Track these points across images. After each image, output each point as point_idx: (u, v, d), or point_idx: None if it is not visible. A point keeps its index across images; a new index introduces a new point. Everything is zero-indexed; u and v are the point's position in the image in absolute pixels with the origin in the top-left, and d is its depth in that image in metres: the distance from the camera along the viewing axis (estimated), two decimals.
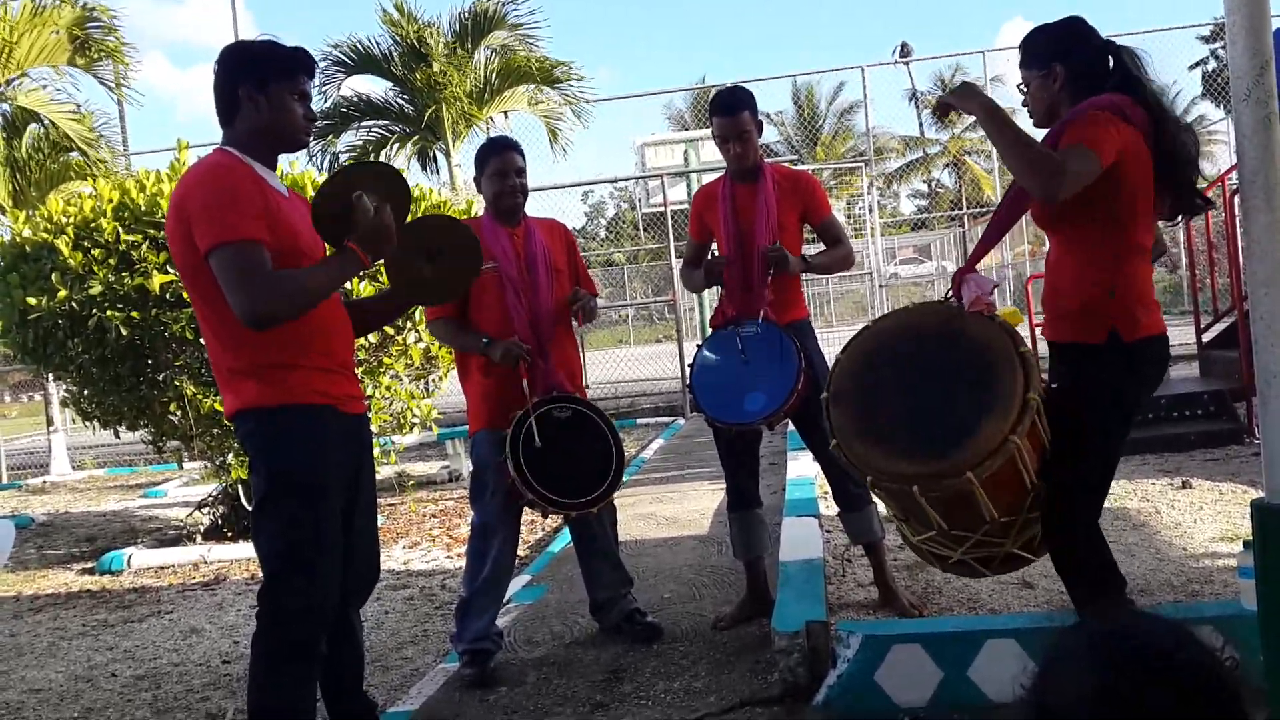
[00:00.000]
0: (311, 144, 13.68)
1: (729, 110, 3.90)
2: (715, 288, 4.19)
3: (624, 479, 7.72)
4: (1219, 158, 26.52)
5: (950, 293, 2.85)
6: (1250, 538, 2.68)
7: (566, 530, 4.58)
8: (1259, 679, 2.54)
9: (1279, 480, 2.55)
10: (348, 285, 3.91)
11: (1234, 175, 7.92)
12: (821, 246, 4.19)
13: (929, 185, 38.30)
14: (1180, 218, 2.95)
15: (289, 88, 2.78)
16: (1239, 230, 2.65)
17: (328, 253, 2.88)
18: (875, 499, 3.99)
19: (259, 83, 2.76)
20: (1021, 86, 2.91)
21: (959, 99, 2.82)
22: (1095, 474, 2.73)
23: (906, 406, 2.74)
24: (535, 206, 3.99)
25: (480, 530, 3.86)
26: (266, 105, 2.76)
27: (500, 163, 3.86)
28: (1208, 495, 5.31)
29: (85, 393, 6.67)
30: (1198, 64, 30.44)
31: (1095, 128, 2.59)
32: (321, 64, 13.47)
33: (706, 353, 3.95)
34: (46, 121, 11.36)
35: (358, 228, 2.76)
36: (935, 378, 2.73)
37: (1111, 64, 2.78)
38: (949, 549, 2.82)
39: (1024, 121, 2.96)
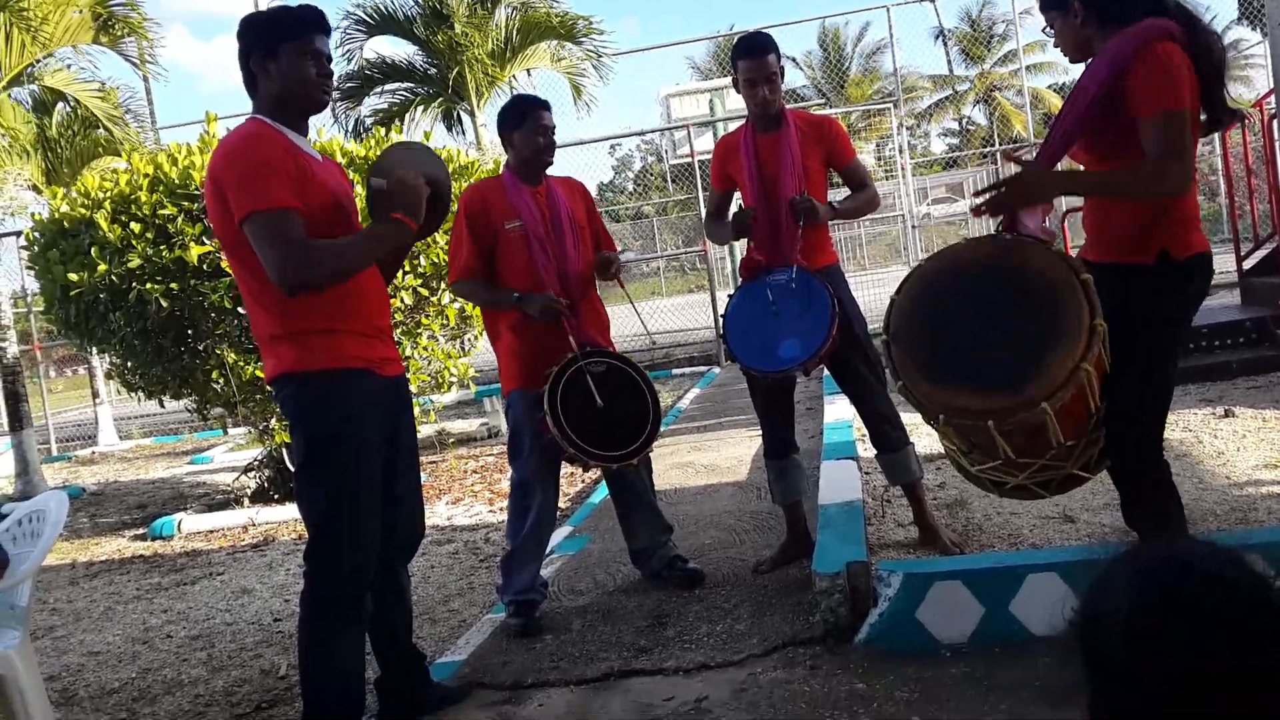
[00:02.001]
0: (336, 108, 13.72)
1: (755, 53, 3.86)
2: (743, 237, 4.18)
3: (662, 428, 7.76)
4: (1256, 82, 25.88)
5: (1001, 225, 2.82)
6: None
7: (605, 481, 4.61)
8: None
9: None
10: None
11: (1272, 99, 7.74)
12: (845, 191, 4.15)
13: (960, 123, 37.69)
14: (1212, 130, 2.90)
15: (297, 48, 2.78)
16: (1278, 155, 2.59)
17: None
18: (915, 438, 4.01)
19: (268, 50, 2.78)
20: (1047, 30, 2.87)
21: (1026, 195, 2.74)
22: (1157, 392, 2.74)
23: (971, 341, 2.73)
24: (562, 162, 4.00)
25: (520, 487, 3.91)
26: (277, 70, 2.78)
27: (538, 120, 3.85)
28: (1251, 423, 5.26)
29: (129, 365, 6.78)
30: None
31: (1170, 76, 2.54)
32: (344, 24, 13.44)
33: (738, 302, 3.94)
34: (73, 100, 11.44)
35: (404, 202, 2.84)
36: (998, 311, 2.72)
37: None
38: (1011, 475, 2.82)
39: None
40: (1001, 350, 2.67)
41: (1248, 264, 7.96)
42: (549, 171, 3.98)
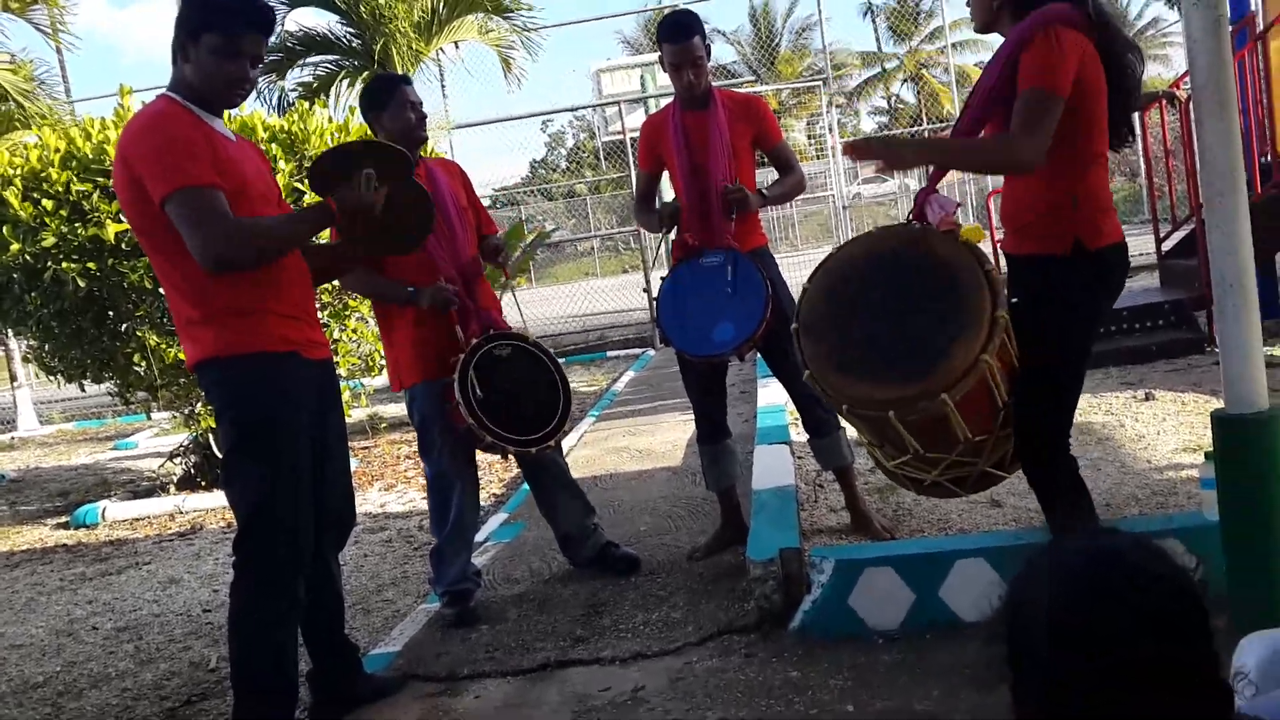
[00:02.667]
0: (259, 80, 13.38)
1: (680, 36, 3.82)
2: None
3: (596, 412, 7.72)
4: (1175, 60, 26.50)
5: (912, 214, 2.85)
6: (1211, 449, 2.74)
7: None
8: (1221, 587, 2.62)
9: (1237, 389, 2.60)
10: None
11: (1187, 81, 7.92)
12: (770, 170, 4.16)
13: (889, 101, 38.09)
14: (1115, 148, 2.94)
15: (222, 41, 2.66)
16: (1195, 135, 2.65)
17: (285, 200, 2.87)
18: (845, 425, 4.05)
19: (191, 31, 2.67)
20: (962, 23, 2.89)
21: (885, 156, 2.78)
22: (1064, 386, 2.76)
23: (876, 332, 2.75)
24: (494, 138, 4.01)
25: (436, 480, 3.82)
26: (195, 57, 2.68)
27: (403, 96, 3.72)
28: (1170, 406, 5.41)
29: (46, 347, 6.57)
30: None
31: (1049, 56, 2.55)
32: None
33: (672, 285, 3.94)
34: None
35: (347, 198, 2.75)
36: (903, 301, 2.74)
37: None
38: (924, 471, 2.86)
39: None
40: (904, 340, 2.69)
41: (1166, 245, 8.15)
42: (486, 146, 3.95)
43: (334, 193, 2.80)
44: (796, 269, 3.92)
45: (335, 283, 6.50)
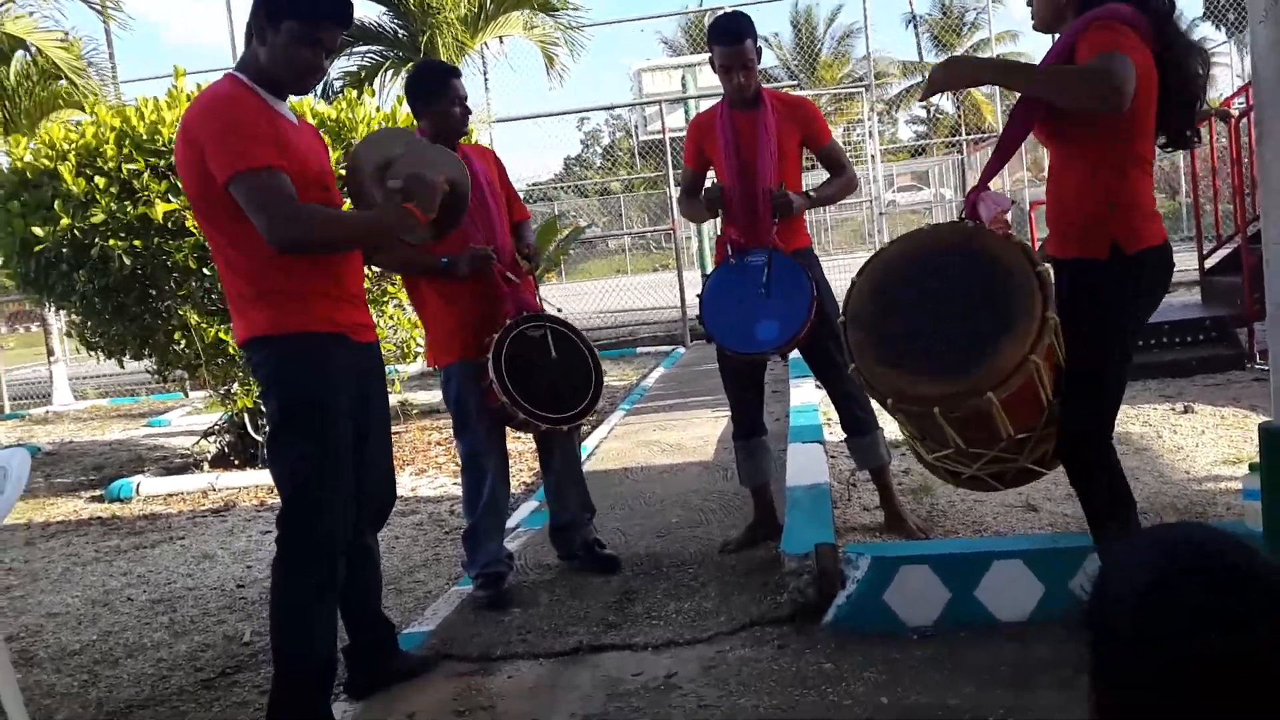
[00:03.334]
0: None
1: (732, 39, 3.83)
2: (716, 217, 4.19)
3: (627, 406, 7.75)
4: (1220, 81, 26.25)
5: (964, 212, 2.85)
6: (1255, 460, 2.72)
7: None
8: None
9: None
10: None
11: (1237, 100, 7.86)
12: (820, 170, 4.16)
13: (928, 111, 37.90)
14: (1176, 148, 2.92)
15: (301, 29, 2.68)
16: (1254, 154, 2.63)
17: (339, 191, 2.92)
18: (884, 423, 4.05)
19: (271, 15, 2.69)
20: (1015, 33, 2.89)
21: (946, 76, 2.76)
22: (1106, 387, 2.76)
23: (925, 328, 2.75)
24: (532, 133, 4.03)
25: (470, 460, 3.85)
26: (273, 41, 2.70)
27: (454, 91, 3.76)
28: (1209, 420, 5.36)
29: (89, 323, 6.67)
30: None
31: (1117, 35, 2.55)
32: None
33: (716, 282, 3.95)
34: (33, 49, 11.17)
35: (423, 198, 2.82)
36: (953, 298, 2.74)
37: None
38: (964, 465, 2.86)
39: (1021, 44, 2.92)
40: (953, 337, 2.70)
41: (1209, 263, 8.09)
42: (523, 141, 3.99)
43: (408, 199, 2.85)
44: (831, 274, 3.92)
45: (373, 268, 6.59)
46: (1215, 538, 1.12)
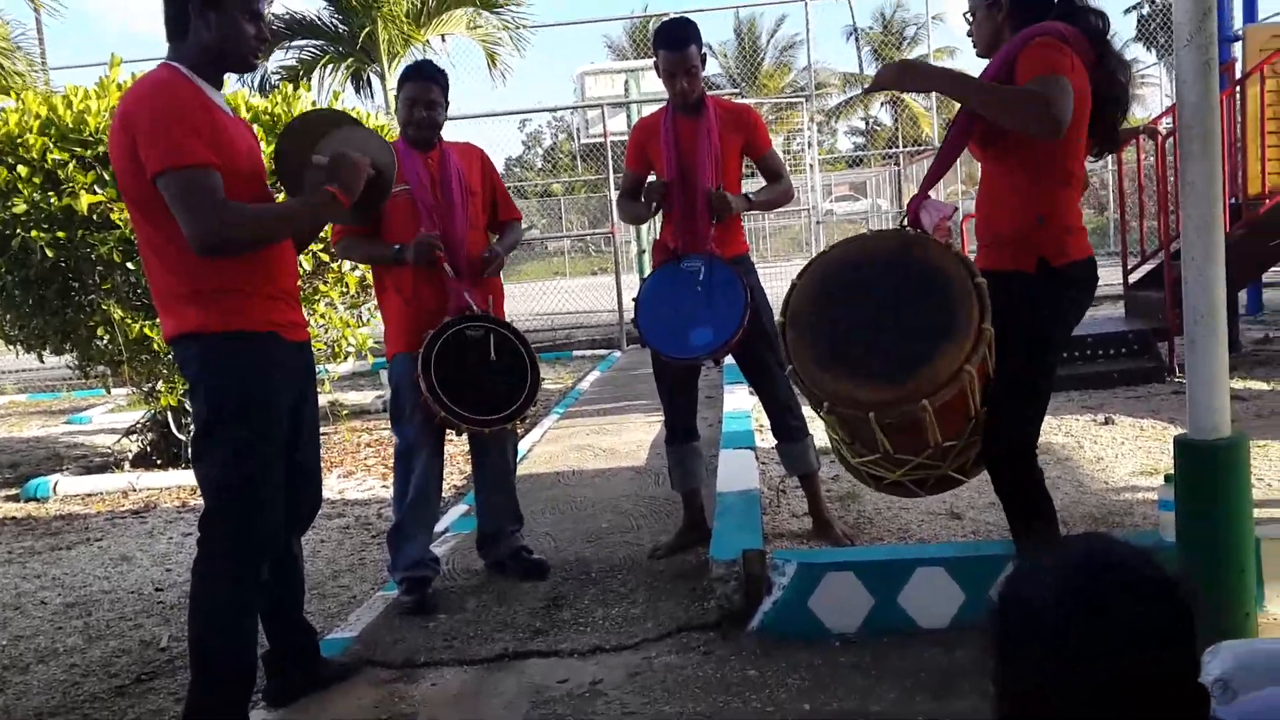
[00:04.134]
0: None
1: (677, 45, 3.85)
2: (655, 220, 4.19)
3: (561, 410, 7.71)
4: (1149, 101, 26.95)
5: (907, 220, 2.88)
6: (1171, 472, 2.79)
7: None
8: None
9: (1202, 416, 2.65)
10: None
11: (1165, 120, 8.06)
12: (759, 179, 4.19)
13: (866, 123, 38.39)
14: (1102, 155, 3.01)
15: (241, 6, 2.68)
16: (1178, 173, 2.70)
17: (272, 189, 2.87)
18: (815, 428, 4.08)
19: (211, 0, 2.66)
20: (967, 16, 2.94)
21: (897, 77, 2.81)
22: (1031, 398, 2.82)
23: (863, 333, 2.78)
24: (471, 133, 4.02)
25: (403, 452, 3.87)
26: (217, 23, 2.67)
27: (412, 90, 3.81)
28: (1129, 431, 5.49)
29: (8, 316, 6.47)
30: (1132, 8, 30.79)
31: (1052, 54, 2.62)
32: None
33: (652, 286, 3.95)
34: None
35: (345, 178, 2.76)
36: (892, 305, 2.77)
37: None
38: (888, 471, 2.89)
39: (966, 59, 2.98)
40: (891, 343, 2.73)
41: (1133, 277, 8.29)
42: (460, 138, 3.96)
43: (331, 180, 2.81)
44: (766, 280, 3.95)
45: (305, 268, 6.49)
46: (1124, 551, 1.14)
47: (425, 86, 3.81)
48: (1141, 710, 1.05)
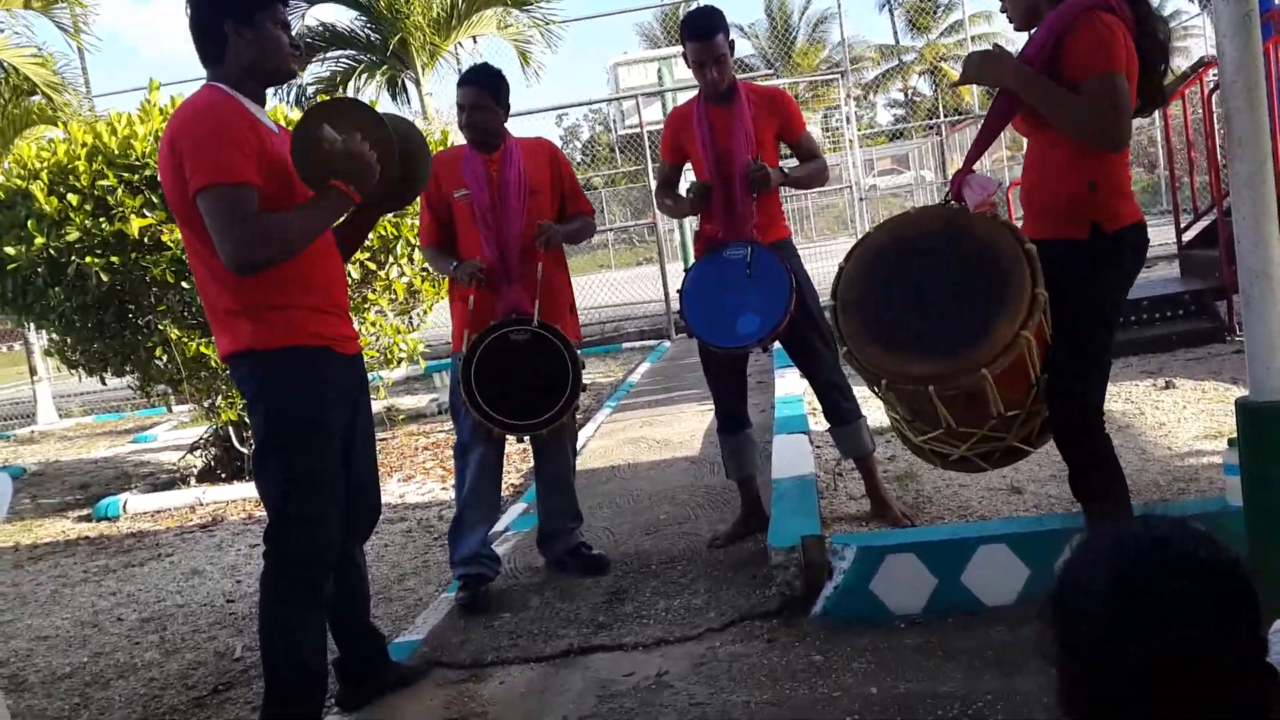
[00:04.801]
0: None
1: (704, 35, 3.84)
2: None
3: (613, 403, 7.73)
4: (1194, 53, 26.35)
5: (949, 195, 2.86)
6: (1235, 435, 2.74)
7: None
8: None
9: (1262, 378, 2.59)
10: None
11: (1211, 72, 7.87)
12: (793, 162, 4.17)
13: (906, 94, 37.93)
14: (1149, 112, 2.98)
15: (270, 16, 2.74)
16: (1218, 131, 2.66)
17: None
18: (867, 411, 4.06)
19: (244, 15, 2.71)
20: (981, 17, 2.92)
21: (984, 68, 2.79)
22: (1093, 362, 2.79)
23: (917, 308, 2.77)
24: (510, 130, 3.97)
25: (459, 448, 3.96)
26: (254, 38, 2.72)
27: (461, 96, 3.87)
28: (1191, 394, 5.38)
29: (69, 341, 6.64)
30: None
31: (1110, 40, 2.60)
32: None
33: (695, 277, 3.94)
34: (8, 66, 11.08)
35: (332, 162, 2.73)
36: (943, 279, 2.76)
37: None
38: (953, 446, 2.87)
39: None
40: (945, 317, 2.72)
41: (1187, 236, 8.11)
42: (522, 134, 4.02)
43: (332, 174, 2.78)
44: (812, 260, 3.93)
45: (354, 277, 6.57)
46: (1181, 531, 1.12)
47: (473, 91, 3.84)
48: (1207, 688, 1.04)
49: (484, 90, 3.86)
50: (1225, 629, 1.05)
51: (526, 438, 4.01)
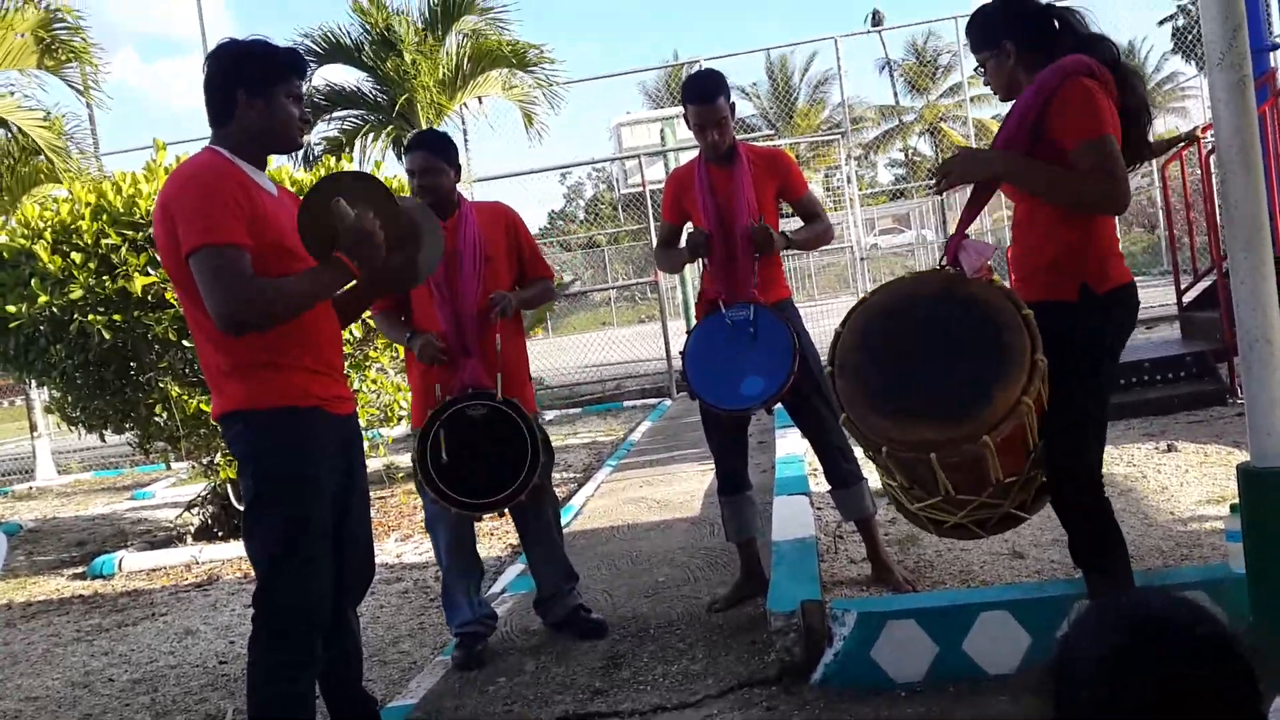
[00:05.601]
0: None
1: (705, 98, 3.88)
2: (697, 264, 4.19)
3: (614, 462, 7.68)
4: (1192, 113, 26.64)
5: (944, 259, 2.86)
6: (1237, 501, 2.71)
7: None
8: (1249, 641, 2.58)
9: (1263, 443, 2.58)
10: None
11: (1209, 134, 7.94)
12: (798, 223, 4.19)
13: (906, 154, 38.29)
14: (1134, 165, 3.00)
15: (285, 90, 2.77)
16: (1217, 192, 2.68)
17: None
18: (868, 473, 4.03)
19: (256, 85, 2.73)
20: (978, 69, 2.97)
21: (966, 168, 2.82)
22: (1089, 426, 2.77)
23: (915, 374, 2.76)
24: (513, 190, 4.05)
25: (429, 523, 4.00)
26: (265, 108, 2.75)
27: (409, 162, 3.87)
28: (1193, 458, 5.36)
29: (69, 398, 6.63)
30: (1166, 19, 30.49)
31: (1096, 105, 2.64)
32: None
33: (697, 339, 3.94)
34: (15, 128, 11.20)
35: (340, 236, 2.75)
36: (942, 344, 2.75)
37: (1058, 25, 2.82)
38: (949, 513, 2.84)
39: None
40: (944, 383, 2.70)
41: (1187, 298, 8.12)
42: (503, 196, 4.02)
43: (336, 245, 2.80)
44: (814, 320, 3.94)
45: (355, 335, 6.58)
46: (1180, 608, 1.11)
47: (421, 156, 3.84)
48: None
49: (432, 153, 3.84)
50: (1223, 708, 1.03)
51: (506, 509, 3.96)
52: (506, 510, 3.85)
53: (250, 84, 2.74)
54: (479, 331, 3.82)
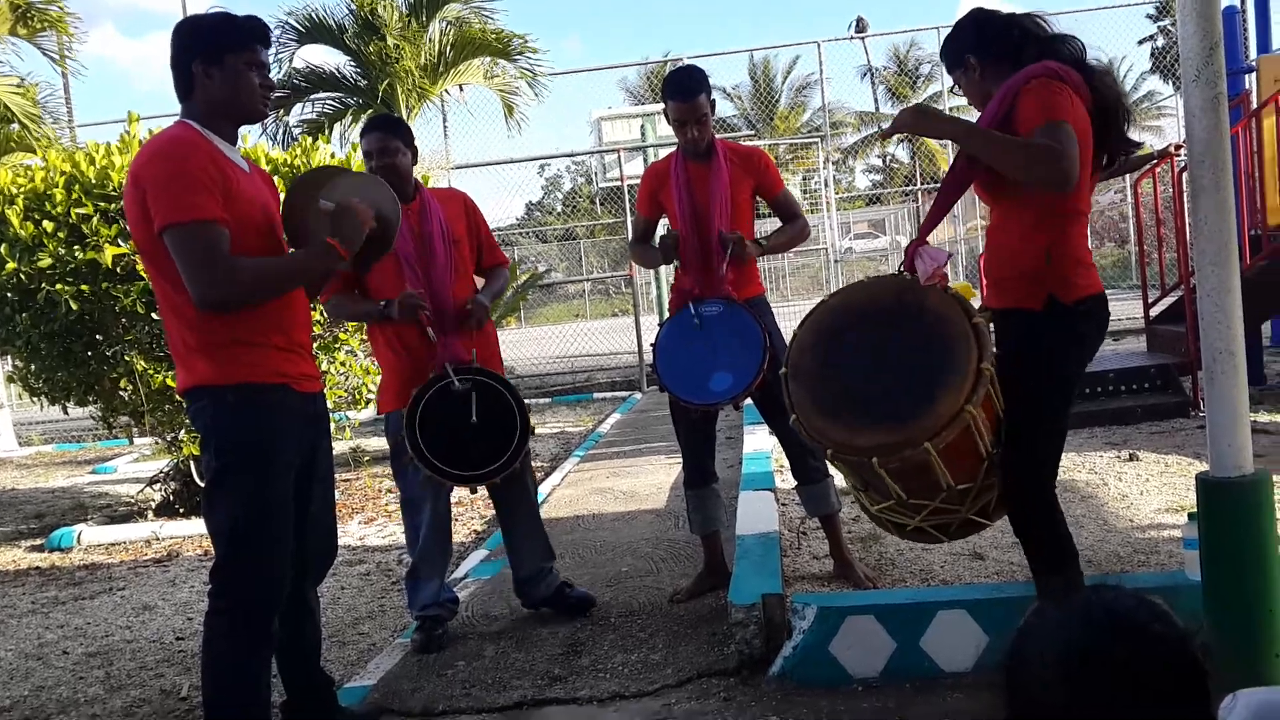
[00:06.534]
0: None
1: (686, 95, 3.89)
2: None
3: (581, 453, 7.70)
4: (1167, 132, 26.92)
5: (903, 266, 2.88)
6: (1195, 510, 2.75)
7: None
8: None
9: (1223, 453, 2.62)
10: None
11: (1182, 152, 8.04)
12: (775, 220, 4.20)
13: (884, 160, 38.47)
14: (1118, 164, 3.02)
15: (243, 58, 2.74)
16: (1187, 208, 2.71)
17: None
18: (834, 471, 4.06)
19: (212, 56, 2.72)
20: (954, 90, 3.01)
21: (914, 121, 2.83)
22: (1046, 437, 2.79)
23: (864, 380, 2.77)
24: (492, 179, 4.06)
25: (407, 505, 3.95)
26: (221, 78, 2.73)
27: (367, 143, 3.84)
28: (1154, 467, 5.43)
29: (33, 368, 6.54)
30: (1146, 39, 30.80)
31: (1055, 99, 2.64)
32: (276, 32, 13.19)
33: (669, 333, 3.95)
34: None
35: (345, 230, 2.78)
36: (891, 351, 2.76)
37: (1019, 34, 2.84)
38: (907, 517, 2.86)
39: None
40: (891, 389, 2.72)
41: (1154, 311, 8.23)
42: (484, 185, 4.01)
43: (332, 234, 2.84)
44: (786, 319, 3.96)
45: (326, 315, 6.54)
46: (1132, 605, 1.12)
47: (377, 136, 3.83)
48: None
49: (388, 134, 3.84)
50: (1173, 704, 1.05)
51: (482, 487, 3.96)
52: (486, 490, 3.87)
53: (205, 54, 2.72)
54: (455, 306, 3.85)
